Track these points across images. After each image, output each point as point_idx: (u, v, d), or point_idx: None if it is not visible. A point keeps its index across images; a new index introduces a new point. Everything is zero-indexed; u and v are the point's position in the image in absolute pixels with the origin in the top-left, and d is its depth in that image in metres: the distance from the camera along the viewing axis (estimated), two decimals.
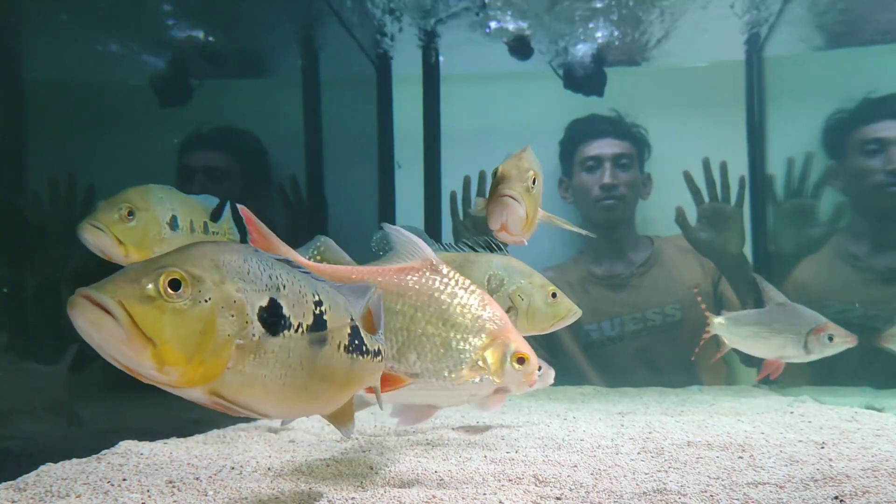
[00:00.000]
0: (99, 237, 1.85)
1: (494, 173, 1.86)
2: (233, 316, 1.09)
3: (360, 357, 1.31)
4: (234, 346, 1.09)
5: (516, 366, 1.63)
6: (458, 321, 1.62)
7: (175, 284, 1.05)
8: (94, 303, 1.01)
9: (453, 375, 1.61)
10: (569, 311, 2.11)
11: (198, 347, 1.06)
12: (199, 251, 1.12)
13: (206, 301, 1.07)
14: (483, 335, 1.62)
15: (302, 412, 1.35)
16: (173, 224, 2.00)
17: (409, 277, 1.64)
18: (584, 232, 2.41)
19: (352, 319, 1.30)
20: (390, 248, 1.73)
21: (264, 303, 1.13)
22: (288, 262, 1.23)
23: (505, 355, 1.63)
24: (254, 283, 1.13)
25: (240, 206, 1.59)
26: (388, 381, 1.54)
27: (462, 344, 1.61)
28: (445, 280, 1.66)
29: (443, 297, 1.63)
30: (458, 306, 1.63)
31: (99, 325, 1.01)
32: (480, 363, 1.62)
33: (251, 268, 1.14)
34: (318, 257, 1.96)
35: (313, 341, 1.19)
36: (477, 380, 1.62)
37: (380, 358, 1.38)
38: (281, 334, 1.14)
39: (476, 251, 2.11)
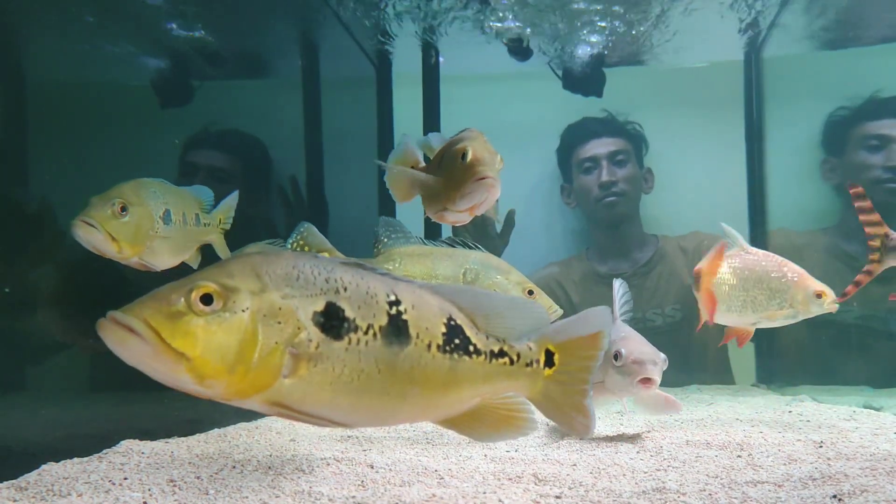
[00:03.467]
0: (92, 234, 1.83)
1: (463, 154, 1.77)
2: (279, 323, 1.08)
3: (465, 357, 1.24)
4: (287, 353, 1.08)
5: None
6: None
7: (207, 298, 1.05)
8: (119, 323, 1.02)
9: None
10: (548, 309, 2.12)
11: (239, 358, 1.05)
12: (240, 262, 1.12)
13: (242, 311, 1.06)
14: None
15: (391, 418, 1.28)
16: (166, 218, 1.98)
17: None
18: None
19: (450, 318, 1.24)
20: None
21: (320, 307, 1.11)
22: (359, 264, 1.20)
23: None
24: (305, 288, 1.11)
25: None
26: None
27: None
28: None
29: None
30: None
31: (126, 344, 1.02)
32: None
33: (302, 273, 1.12)
34: (302, 243, 1.96)
35: (390, 342, 1.16)
36: None
37: (504, 360, 1.29)
38: (346, 338, 1.12)
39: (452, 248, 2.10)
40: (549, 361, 1.33)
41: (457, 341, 1.23)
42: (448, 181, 1.83)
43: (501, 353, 1.29)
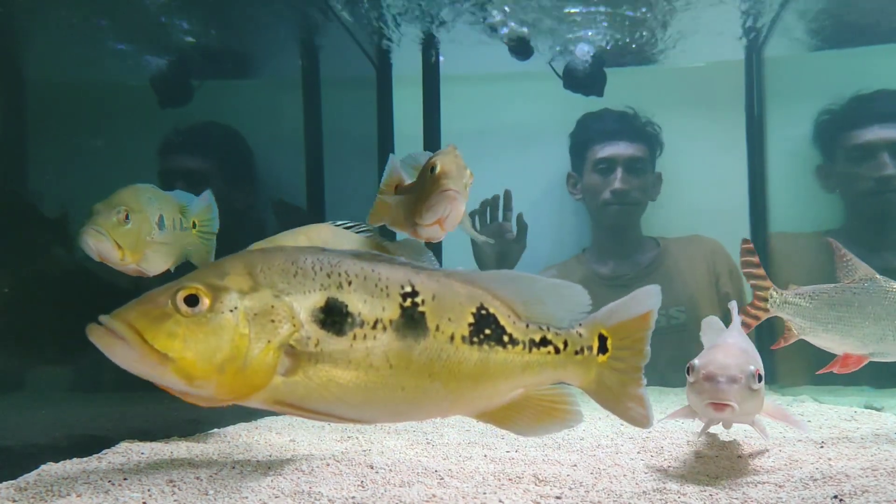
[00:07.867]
0: (102, 242, 1.85)
1: (432, 168, 1.77)
2: (272, 322, 1.06)
3: (498, 348, 1.19)
4: (282, 352, 1.06)
5: None
6: None
7: (193, 299, 1.05)
8: (105, 327, 1.03)
9: None
10: None
11: (228, 358, 1.04)
12: (233, 261, 1.11)
13: (230, 311, 1.05)
14: None
15: (412, 413, 1.23)
16: (161, 224, 2.00)
17: None
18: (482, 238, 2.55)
19: (481, 307, 1.19)
20: None
21: (320, 303, 1.09)
22: (375, 255, 1.17)
23: None
24: (303, 284, 1.10)
25: None
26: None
27: None
28: None
29: None
30: None
31: (113, 348, 1.03)
32: None
33: (301, 269, 1.10)
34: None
35: (403, 335, 1.13)
36: None
37: (548, 349, 1.23)
38: (350, 333, 1.10)
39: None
40: (603, 347, 1.28)
41: (487, 332, 1.19)
42: (418, 196, 1.83)
43: (544, 342, 1.23)
